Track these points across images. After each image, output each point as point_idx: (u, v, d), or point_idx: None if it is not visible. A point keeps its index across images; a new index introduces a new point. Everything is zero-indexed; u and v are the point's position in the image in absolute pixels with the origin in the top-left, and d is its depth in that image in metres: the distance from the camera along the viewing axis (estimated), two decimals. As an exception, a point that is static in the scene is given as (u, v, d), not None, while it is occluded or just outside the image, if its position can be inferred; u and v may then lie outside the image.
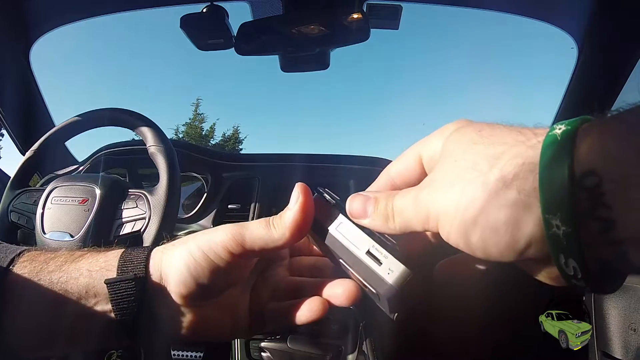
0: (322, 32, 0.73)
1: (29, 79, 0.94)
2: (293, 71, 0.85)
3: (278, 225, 0.22)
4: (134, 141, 0.89)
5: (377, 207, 0.20)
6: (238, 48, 0.77)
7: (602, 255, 0.14)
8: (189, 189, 0.96)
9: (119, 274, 0.23)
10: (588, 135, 0.15)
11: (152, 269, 0.23)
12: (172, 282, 0.22)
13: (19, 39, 0.88)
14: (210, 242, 0.22)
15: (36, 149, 0.68)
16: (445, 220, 0.17)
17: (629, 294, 0.89)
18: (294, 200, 0.22)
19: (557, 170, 0.14)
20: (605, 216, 0.14)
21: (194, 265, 0.22)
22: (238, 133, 13.73)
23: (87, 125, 0.69)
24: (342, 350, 0.68)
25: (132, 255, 0.23)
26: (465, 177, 0.17)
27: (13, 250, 0.24)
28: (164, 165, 0.61)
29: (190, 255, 0.22)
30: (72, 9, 0.86)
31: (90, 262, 0.24)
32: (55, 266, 0.23)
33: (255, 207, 0.84)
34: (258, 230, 0.22)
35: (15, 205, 0.65)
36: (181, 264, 0.22)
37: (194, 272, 0.22)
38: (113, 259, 0.24)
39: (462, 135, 0.18)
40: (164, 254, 0.23)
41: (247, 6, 0.80)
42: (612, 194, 0.13)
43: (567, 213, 0.14)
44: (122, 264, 0.23)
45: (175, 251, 0.23)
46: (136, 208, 0.60)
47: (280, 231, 0.22)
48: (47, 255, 0.24)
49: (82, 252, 0.25)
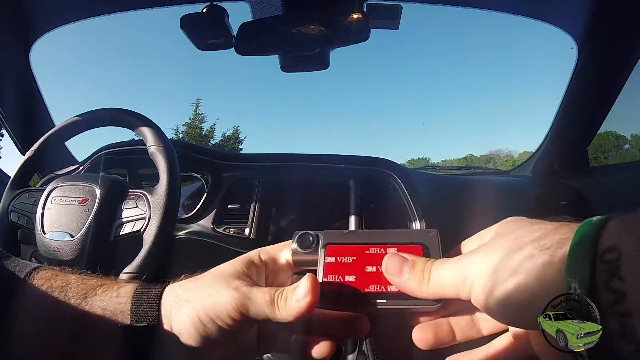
0: (322, 32, 0.73)
1: (29, 79, 0.94)
2: (293, 71, 0.85)
3: (283, 309, 0.23)
4: (134, 141, 0.89)
5: (414, 269, 0.22)
6: (238, 48, 0.77)
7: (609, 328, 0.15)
8: (189, 189, 0.96)
9: (133, 320, 0.24)
10: (618, 221, 0.17)
11: (164, 318, 0.24)
12: (183, 336, 0.24)
13: (19, 39, 0.88)
14: (215, 308, 0.23)
15: (36, 149, 0.68)
16: (479, 282, 0.19)
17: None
18: (303, 293, 0.22)
19: (585, 243, 0.16)
20: (618, 288, 0.15)
21: (202, 327, 0.23)
22: (238, 133, 13.74)
23: (87, 125, 0.69)
24: (342, 350, 0.68)
25: (144, 300, 0.25)
26: (507, 246, 0.19)
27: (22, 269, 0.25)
28: (164, 165, 0.61)
29: (197, 317, 0.23)
30: (72, 9, 0.86)
31: (103, 300, 0.25)
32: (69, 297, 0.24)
33: (255, 207, 0.84)
34: (263, 307, 0.23)
35: (15, 205, 0.65)
36: (190, 324, 0.23)
37: (202, 332, 0.23)
38: (125, 300, 0.25)
39: (515, 221, 0.21)
40: (172, 307, 0.24)
41: (247, 6, 0.80)
42: (628, 268, 0.15)
43: (585, 278, 0.16)
44: (136, 309, 0.24)
45: (183, 308, 0.24)
46: (136, 208, 0.60)
47: (284, 315, 0.23)
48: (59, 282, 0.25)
49: (94, 282, 0.26)
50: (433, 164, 26.14)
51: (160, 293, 0.25)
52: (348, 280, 0.24)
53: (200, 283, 0.25)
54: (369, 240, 0.25)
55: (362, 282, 0.23)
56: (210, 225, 0.84)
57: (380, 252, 0.24)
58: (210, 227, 0.84)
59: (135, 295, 0.25)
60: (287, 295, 0.23)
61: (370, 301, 0.23)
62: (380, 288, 0.23)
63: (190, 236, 0.83)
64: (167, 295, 0.25)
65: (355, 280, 0.23)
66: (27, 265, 0.26)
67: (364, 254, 0.24)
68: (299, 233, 0.26)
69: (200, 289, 0.24)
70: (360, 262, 0.24)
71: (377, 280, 0.23)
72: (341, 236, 0.25)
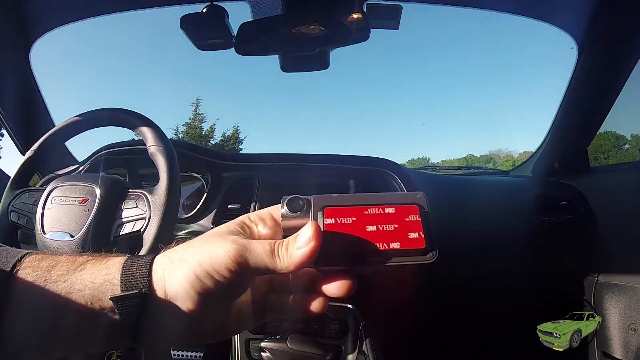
0: (322, 32, 0.73)
1: (29, 79, 0.94)
2: (293, 71, 0.85)
3: (284, 257, 0.22)
4: (134, 141, 0.89)
5: None
6: (238, 48, 0.77)
7: None
8: (189, 189, 0.96)
9: (123, 289, 0.23)
10: None
11: (156, 284, 0.23)
12: (179, 299, 0.23)
13: (19, 39, 0.88)
14: (212, 261, 0.22)
15: (36, 149, 0.68)
16: None
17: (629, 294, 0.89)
18: (304, 241, 0.22)
19: None
20: None
21: (198, 283, 0.22)
22: (238, 133, 13.74)
23: (87, 125, 0.69)
24: (342, 350, 0.68)
25: (134, 269, 0.24)
26: None
27: (14, 255, 0.24)
28: (164, 165, 0.61)
29: (193, 274, 0.22)
30: (72, 9, 0.86)
31: (92, 273, 0.24)
32: (58, 275, 0.24)
33: (255, 207, 0.84)
34: (262, 257, 0.23)
35: (15, 205, 0.65)
36: (185, 283, 0.22)
37: (199, 290, 0.22)
38: (115, 270, 0.24)
39: None
40: (165, 270, 0.23)
41: (247, 6, 0.80)
42: None
43: None
44: (126, 278, 0.23)
45: (177, 269, 0.23)
46: (136, 208, 0.60)
47: (285, 263, 0.22)
48: (48, 262, 0.24)
49: (83, 258, 0.25)
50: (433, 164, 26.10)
51: (151, 260, 0.24)
52: (349, 239, 0.24)
53: (194, 242, 0.24)
54: (364, 202, 0.25)
55: (363, 241, 0.24)
56: (210, 225, 0.84)
57: (379, 212, 0.25)
58: (210, 227, 0.84)
59: (125, 264, 0.24)
60: (287, 244, 0.23)
61: (372, 259, 0.23)
62: (383, 245, 0.23)
63: (190, 236, 0.83)
64: (158, 261, 0.24)
65: (357, 239, 0.24)
66: (19, 252, 0.25)
67: (363, 214, 0.25)
68: (288, 197, 0.26)
69: (194, 247, 0.24)
70: (360, 222, 0.24)
71: (379, 238, 0.24)
72: (334, 199, 0.26)
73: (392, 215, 0.25)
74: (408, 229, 0.24)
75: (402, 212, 0.25)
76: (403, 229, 0.24)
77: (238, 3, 0.80)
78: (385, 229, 0.24)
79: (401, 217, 0.25)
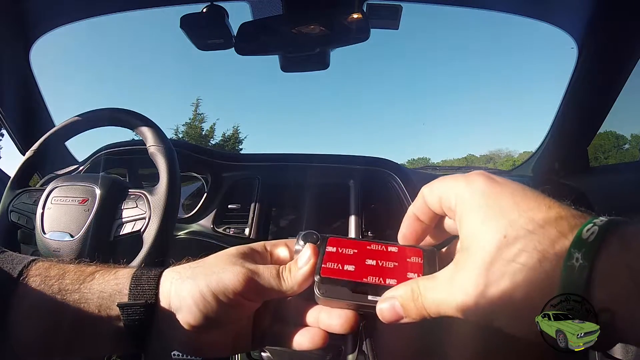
0: (322, 32, 0.73)
1: (29, 79, 0.93)
2: (293, 71, 0.85)
3: (288, 279, 0.24)
4: (134, 141, 0.89)
5: (409, 309, 0.22)
6: (238, 48, 0.77)
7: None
8: (189, 189, 0.96)
9: (131, 298, 0.24)
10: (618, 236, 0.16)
11: (162, 296, 0.24)
12: (181, 314, 0.24)
13: (19, 39, 0.88)
14: (220, 284, 0.23)
15: (36, 149, 0.68)
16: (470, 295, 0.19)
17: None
18: (304, 260, 0.24)
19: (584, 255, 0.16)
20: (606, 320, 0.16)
21: (203, 303, 0.23)
22: (238, 133, 13.76)
23: (87, 125, 0.69)
24: (342, 350, 0.68)
25: (143, 280, 0.25)
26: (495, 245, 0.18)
27: (19, 261, 0.25)
28: (164, 165, 0.61)
29: (199, 293, 0.23)
30: (72, 9, 0.86)
31: (101, 284, 0.25)
32: (67, 284, 0.24)
33: (255, 207, 0.84)
34: (269, 280, 0.24)
35: (15, 205, 0.65)
36: (190, 301, 0.23)
37: (203, 309, 0.23)
38: (124, 281, 0.25)
39: (495, 200, 0.19)
40: (172, 284, 0.24)
41: (247, 6, 0.80)
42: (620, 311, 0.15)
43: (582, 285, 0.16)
44: (134, 288, 0.24)
45: (185, 285, 0.24)
46: (136, 208, 0.60)
47: (290, 284, 0.24)
48: (57, 271, 0.25)
49: (92, 268, 0.26)
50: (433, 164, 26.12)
51: (160, 273, 0.25)
52: (347, 269, 0.24)
53: (205, 262, 0.25)
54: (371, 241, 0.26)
55: (360, 273, 0.24)
56: (210, 225, 0.84)
57: (381, 249, 0.25)
58: (210, 227, 0.84)
59: (134, 275, 0.25)
60: (290, 267, 0.25)
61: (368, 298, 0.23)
62: (379, 280, 0.23)
63: (190, 236, 0.83)
64: (167, 275, 0.25)
65: (355, 270, 0.24)
66: (25, 258, 0.25)
67: (365, 249, 0.25)
68: (304, 232, 0.26)
69: (205, 267, 0.25)
70: (360, 255, 0.25)
71: (376, 272, 0.24)
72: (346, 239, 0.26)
73: (394, 254, 0.25)
74: (408, 269, 0.24)
75: (405, 252, 0.25)
76: (402, 268, 0.24)
77: (238, 3, 0.80)
78: (384, 265, 0.24)
79: (403, 257, 0.25)
